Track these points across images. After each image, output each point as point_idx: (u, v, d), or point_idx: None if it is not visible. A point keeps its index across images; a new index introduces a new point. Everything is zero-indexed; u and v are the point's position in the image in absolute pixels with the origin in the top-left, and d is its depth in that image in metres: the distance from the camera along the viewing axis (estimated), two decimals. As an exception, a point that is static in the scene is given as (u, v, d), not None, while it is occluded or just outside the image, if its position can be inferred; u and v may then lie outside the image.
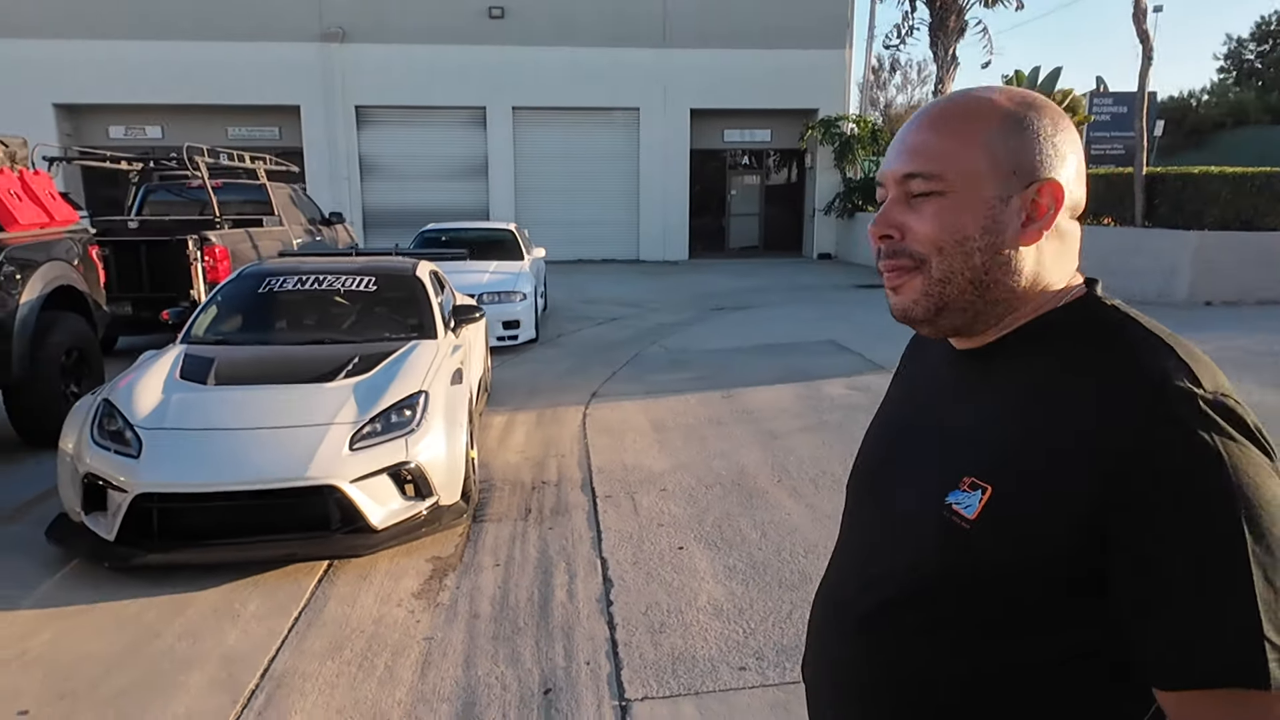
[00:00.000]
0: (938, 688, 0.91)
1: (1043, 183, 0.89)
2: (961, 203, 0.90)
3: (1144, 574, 0.77)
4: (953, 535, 0.87)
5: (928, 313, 0.94)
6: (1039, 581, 0.82)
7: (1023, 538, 0.82)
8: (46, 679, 2.94)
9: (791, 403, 6.53)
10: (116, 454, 3.75)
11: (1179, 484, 0.76)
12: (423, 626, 3.30)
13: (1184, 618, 0.76)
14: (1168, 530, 0.76)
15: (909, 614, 0.92)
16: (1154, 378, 0.81)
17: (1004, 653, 0.86)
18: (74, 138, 17.43)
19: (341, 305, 5.34)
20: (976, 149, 0.89)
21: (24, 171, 5.97)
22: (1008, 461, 0.86)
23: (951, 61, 14.53)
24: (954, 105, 0.93)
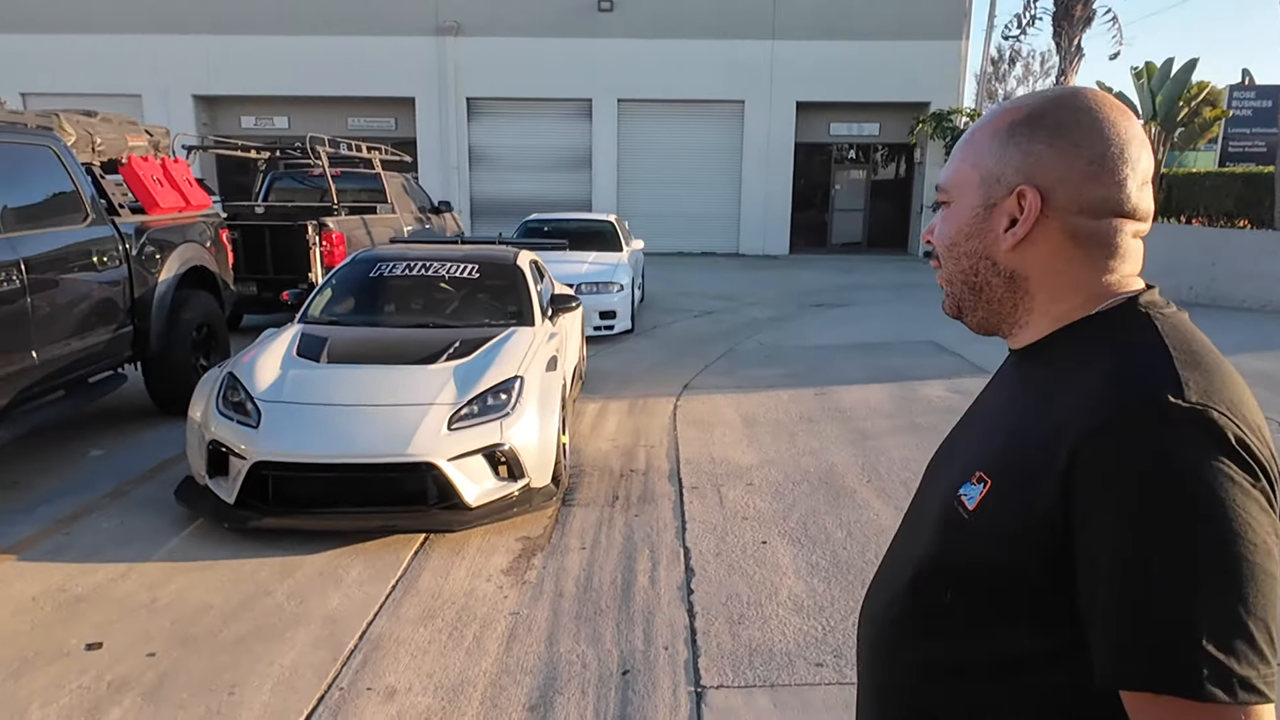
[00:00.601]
0: (929, 682, 0.94)
1: (1022, 188, 0.92)
2: (954, 211, 0.99)
3: (1091, 576, 0.78)
4: (953, 525, 0.91)
5: (951, 311, 1.05)
6: (1021, 576, 0.84)
7: (1006, 531, 0.85)
8: (173, 625, 3.22)
9: (886, 403, 6.42)
10: (238, 424, 4.05)
11: (1127, 490, 0.76)
12: (510, 602, 3.43)
13: (1124, 621, 0.76)
14: (1111, 534, 0.76)
15: (913, 601, 0.96)
16: (1128, 383, 0.81)
17: (991, 649, 0.88)
18: (210, 127, 18.63)
19: (445, 291, 5.56)
20: (969, 161, 0.97)
21: (165, 159, 6.46)
22: (1006, 456, 0.89)
23: (1076, 52, 13.82)
24: (983, 115, 0.99)
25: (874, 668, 1.04)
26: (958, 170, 0.98)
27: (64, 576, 3.62)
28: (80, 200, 5.06)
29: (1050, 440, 0.83)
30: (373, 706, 2.74)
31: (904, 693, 0.98)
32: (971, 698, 0.90)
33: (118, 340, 5.31)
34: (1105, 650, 0.77)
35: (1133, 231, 0.92)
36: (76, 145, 5.40)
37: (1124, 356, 0.85)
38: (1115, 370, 0.84)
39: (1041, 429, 0.85)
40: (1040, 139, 0.91)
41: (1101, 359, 0.86)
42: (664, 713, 2.71)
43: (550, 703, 2.77)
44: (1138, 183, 0.91)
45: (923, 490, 1.07)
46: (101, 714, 2.69)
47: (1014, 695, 0.87)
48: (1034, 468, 0.83)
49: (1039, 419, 0.87)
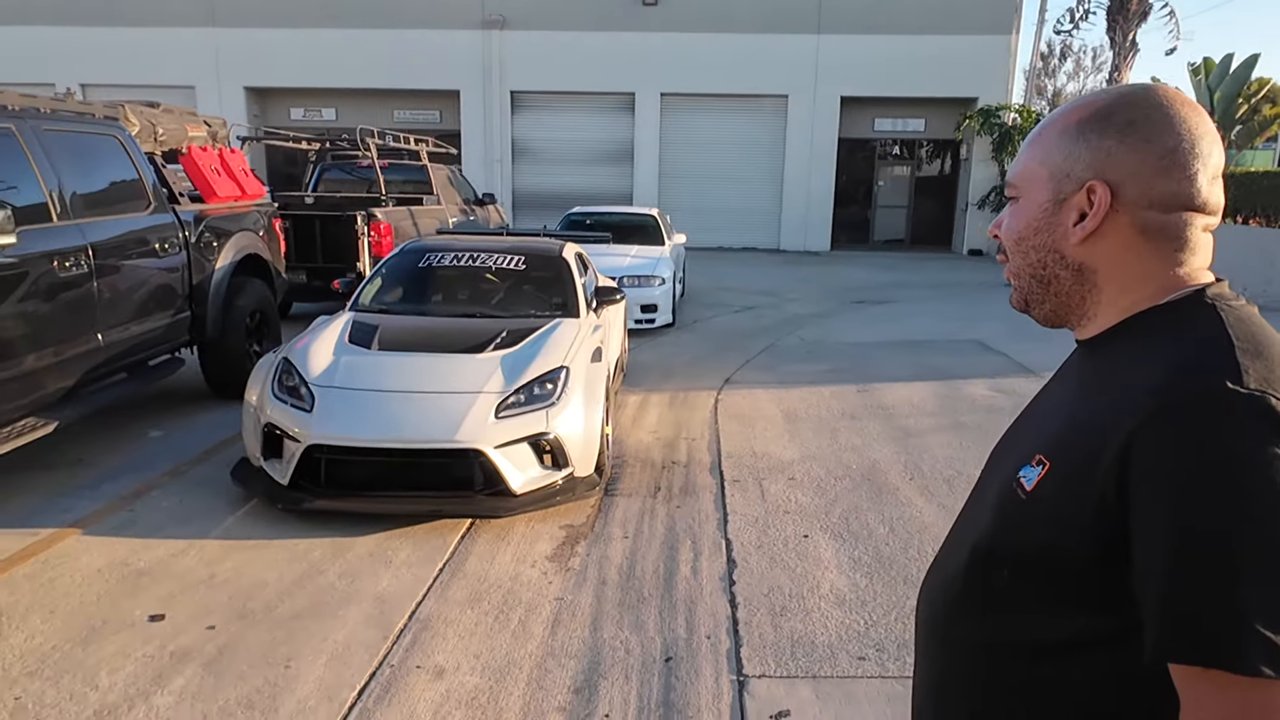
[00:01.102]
0: (983, 662, 0.96)
1: (1092, 184, 0.93)
2: (1023, 207, 1.01)
3: (1146, 555, 0.81)
4: (1011, 506, 0.94)
5: (1019, 304, 1.06)
6: (1076, 557, 0.86)
7: (1063, 512, 0.87)
8: (230, 600, 3.34)
9: (929, 401, 6.37)
10: (293, 408, 4.16)
11: (1182, 473, 0.78)
12: (554, 587, 3.50)
13: (1176, 597, 0.78)
14: (1166, 515, 0.79)
15: (968, 580, 0.99)
16: (1188, 370, 0.83)
17: (1045, 629, 0.90)
18: (260, 118, 19.01)
19: (492, 282, 5.64)
20: (1038, 158, 0.99)
21: (223, 149, 6.63)
22: (1066, 440, 0.91)
23: (1131, 48, 13.50)
24: (1054, 111, 1.00)
25: (930, 648, 1.06)
26: (1026, 166, 1.00)
27: (127, 551, 3.76)
28: (143, 188, 5.23)
29: (1110, 425, 0.85)
30: (422, 684, 2.82)
31: (959, 672, 1.00)
32: (1025, 677, 0.93)
33: (176, 325, 5.48)
34: (1157, 625, 0.80)
35: (1203, 225, 0.94)
36: (140, 135, 5.58)
37: (1186, 345, 0.87)
38: (1177, 358, 0.85)
39: (1102, 414, 0.87)
40: (1111, 135, 0.93)
41: (1165, 348, 0.88)
42: (707, 699, 2.75)
43: (594, 686, 2.82)
44: (1208, 177, 0.92)
45: (985, 476, 1.09)
46: (166, 681, 2.80)
47: (1066, 676, 0.89)
48: (1093, 451, 0.85)
49: (1101, 404, 0.89)
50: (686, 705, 2.73)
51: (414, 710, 2.68)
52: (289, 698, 2.73)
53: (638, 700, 2.75)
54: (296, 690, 2.77)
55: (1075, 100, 0.99)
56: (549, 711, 2.69)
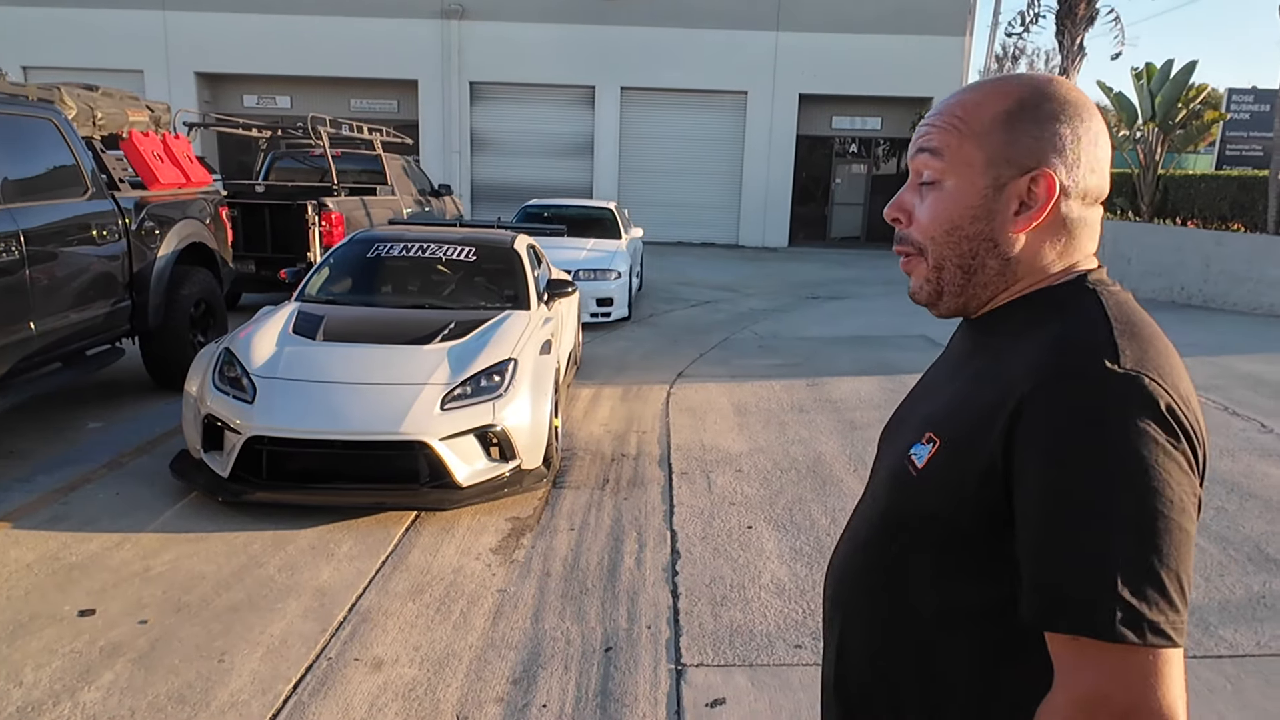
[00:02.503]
0: (883, 633, 1.00)
1: (1037, 173, 0.93)
2: (953, 193, 0.96)
3: (1023, 520, 0.84)
4: (902, 483, 0.97)
5: (930, 297, 1.03)
6: (964, 530, 0.90)
7: (952, 485, 0.90)
8: (165, 594, 3.28)
9: (876, 394, 6.47)
10: (234, 399, 4.10)
11: (1055, 440, 0.82)
12: (498, 580, 3.49)
13: (1046, 565, 0.82)
14: (1040, 484, 0.82)
15: (868, 555, 1.02)
16: (1069, 349, 0.87)
17: (939, 600, 0.93)
18: (212, 105, 18.59)
19: (442, 273, 5.60)
20: (974, 139, 0.95)
21: (166, 135, 6.48)
22: (953, 415, 0.94)
23: (1078, 52, 13.80)
24: (967, 95, 0.98)
25: (834, 621, 1.10)
26: (946, 145, 0.95)
27: (59, 545, 3.67)
28: (80, 174, 5.09)
29: (995, 401, 0.88)
30: (360, 676, 2.81)
31: (860, 644, 1.04)
32: (923, 648, 0.96)
33: (116, 314, 5.35)
34: (1030, 592, 0.83)
35: (1101, 215, 1.00)
36: (77, 119, 5.43)
37: (1068, 326, 0.90)
38: (1059, 337, 0.89)
39: (988, 391, 0.90)
40: (1052, 123, 0.93)
41: (1049, 327, 0.91)
42: (644, 689, 2.78)
43: (533, 677, 2.83)
44: (1109, 170, 0.97)
45: (879, 456, 1.12)
46: (94, 676, 2.75)
47: (962, 644, 0.93)
48: (980, 426, 0.88)
49: (987, 382, 0.92)
50: (624, 694, 2.75)
51: (350, 703, 2.67)
52: (222, 691, 2.70)
53: (576, 690, 2.76)
54: (230, 683, 2.74)
55: (991, 82, 0.97)
56: (486, 702, 2.69)
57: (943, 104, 0.99)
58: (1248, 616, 3.28)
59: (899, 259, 1.08)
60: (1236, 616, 3.28)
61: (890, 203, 1.03)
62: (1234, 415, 5.95)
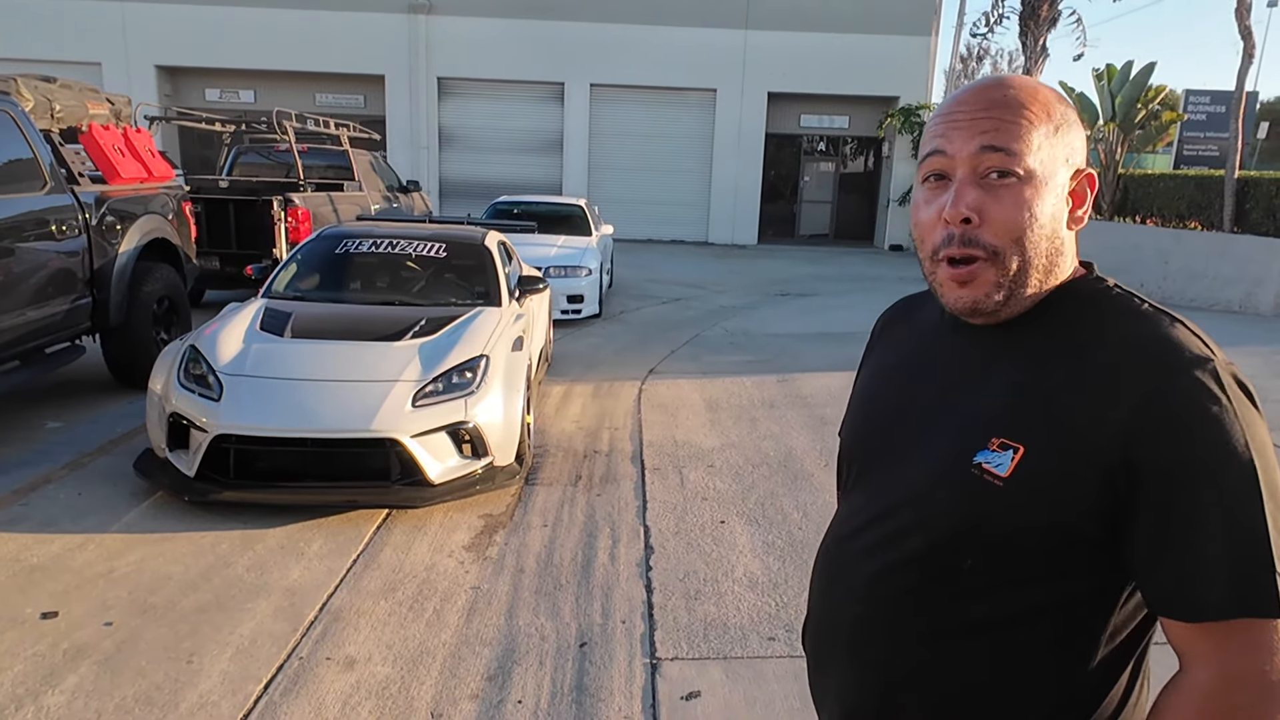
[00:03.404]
0: (948, 637, 0.97)
1: (1085, 172, 0.98)
2: (1040, 190, 0.93)
3: (1164, 513, 0.85)
4: (985, 491, 0.93)
5: (997, 305, 0.96)
6: (1062, 533, 0.90)
7: (1056, 491, 0.90)
8: (131, 595, 3.22)
9: (846, 390, 6.48)
10: (200, 396, 4.03)
11: (1198, 431, 0.85)
12: (471, 577, 3.48)
13: (1201, 553, 0.84)
14: (1187, 472, 0.85)
15: (927, 568, 0.98)
16: (1172, 344, 0.90)
17: (1013, 601, 0.94)
18: (173, 99, 18.22)
19: (412, 270, 5.56)
20: (1053, 137, 0.95)
21: (127, 129, 6.35)
22: (1039, 421, 0.92)
23: (1041, 52, 14.03)
24: (1023, 93, 0.95)
25: (869, 642, 1.03)
26: (1037, 147, 0.93)
27: (19, 546, 3.59)
28: (38, 167, 4.97)
29: (1098, 398, 0.89)
30: (332, 675, 2.78)
31: (908, 659, 1.00)
32: (977, 654, 0.96)
33: (76, 311, 5.24)
34: (1177, 583, 0.85)
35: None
36: (34, 111, 5.29)
37: (1142, 322, 0.93)
38: (1144, 331, 0.92)
39: (1080, 389, 0.91)
40: (1077, 127, 0.99)
41: (1112, 322, 0.94)
42: (619, 683, 2.78)
43: (508, 673, 2.83)
44: None
45: (891, 458, 1.06)
46: (58, 680, 2.69)
47: (1030, 644, 0.94)
48: (1082, 426, 0.89)
49: (1066, 381, 0.92)
50: (599, 689, 2.75)
51: (322, 702, 2.64)
52: (190, 692, 2.66)
53: (551, 685, 2.76)
54: (199, 685, 2.70)
55: (1032, 83, 0.98)
56: (461, 699, 2.68)
57: (996, 99, 0.95)
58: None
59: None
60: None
61: (952, 202, 0.94)
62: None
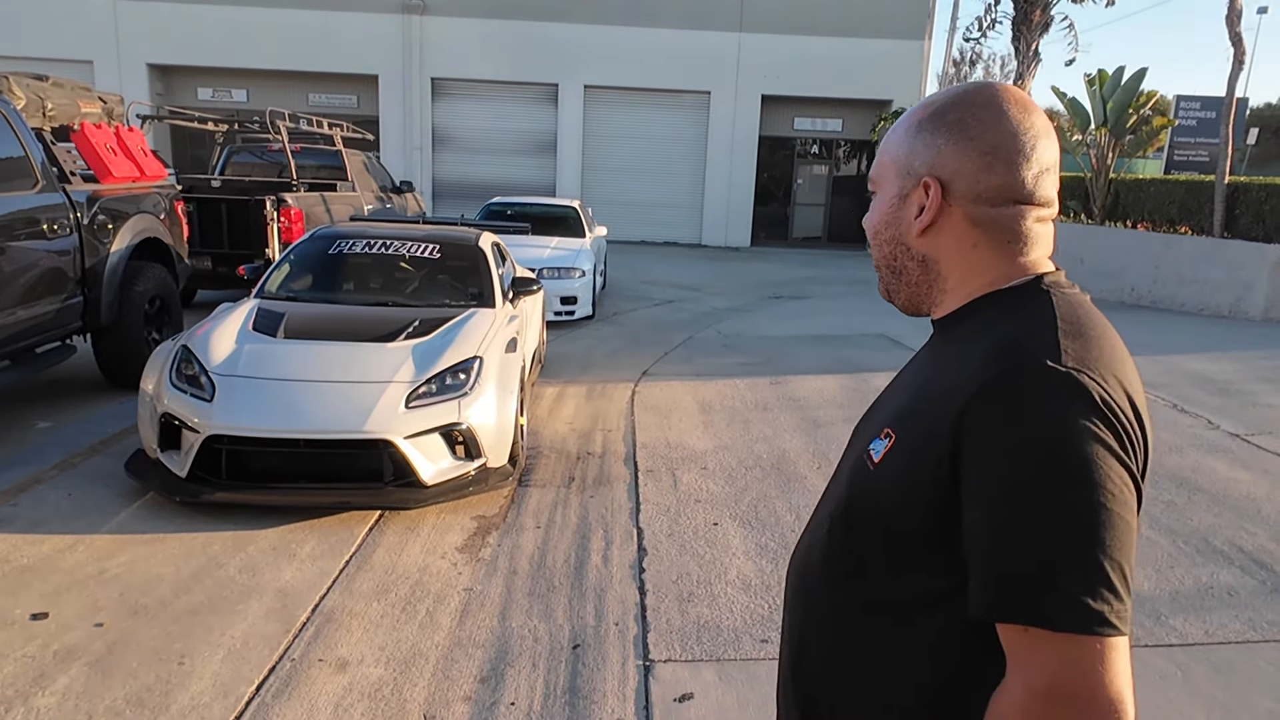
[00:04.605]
0: (841, 622, 1.03)
1: (923, 180, 1.00)
2: (878, 201, 1.08)
3: (970, 520, 0.87)
4: (860, 476, 1.01)
5: (882, 291, 1.12)
6: (914, 523, 0.93)
7: (905, 479, 0.94)
8: (122, 596, 3.20)
9: (838, 393, 6.56)
10: (192, 397, 4.01)
11: (998, 437, 0.85)
12: (464, 578, 3.48)
13: (995, 559, 0.85)
14: (987, 482, 0.85)
15: (825, 548, 1.06)
16: (1014, 348, 0.90)
17: (892, 591, 0.97)
18: (165, 97, 18.15)
19: (406, 270, 5.55)
20: (890, 154, 1.06)
21: (119, 127, 6.32)
22: (908, 414, 0.98)
23: (1034, 57, 14.09)
24: (916, 109, 1.05)
25: (795, 610, 1.12)
26: (880, 161, 1.07)
27: (9, 547, 3.57)
28: (30, 166, 4.94)
29: (946, 398, 0.91)
30: (324, 677, 2.77)
31: (819, 634, 1.06)
32: (878, 637, 0.99)
33: (67, 310, 5.21)
34: (979, 586, 0.86)
35: (1035, 217, 1.00)
36: (26, 109, 5.27)
37: (1014, 326, 0.94)
38: (1005, 337, 0.92)
39: (940, 389, 0.94)
40: (941, 133, 0.99)
41: (999, 328, 0.94)
42: (613, 685, 2.78)
43: (501, 675, 2.82)
44: (1034, 172, 0.98)
45: (845, 453, 1.15)
46: (48, 681, 2.68)
47: (914, 635, 0.96)
48: (932, 423, 0.92)
49: (939, 381, 0.96)
50: (593, 691, 2.75)
51: (315, 704, 2.64)
52: (182, 694, 2.65)
53: (544, 687, 2.76)
54: (190, 686, 2.69)
55: (925, 98, 1.05)
56: (454, 701, 2.68)
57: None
58: (1196, 606, 3.39)
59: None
60: (1185, 606, 3.39)
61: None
62: (1182, 412, 6.14)
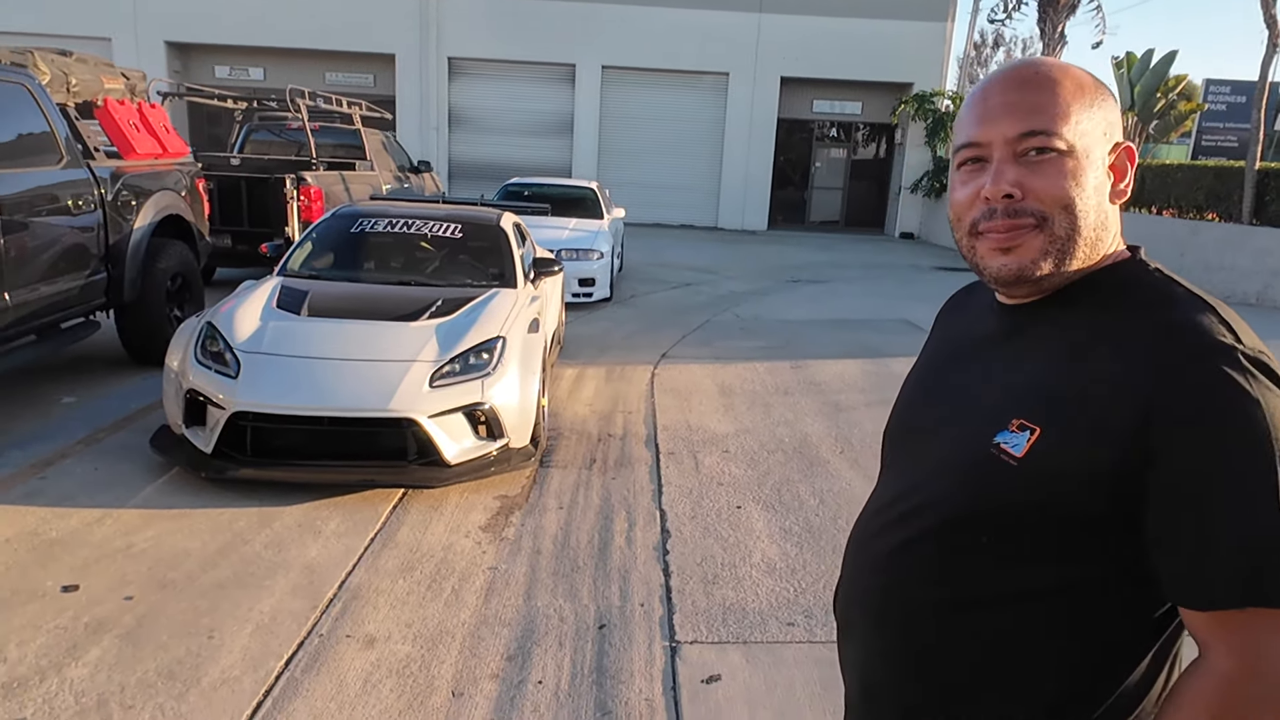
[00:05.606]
0: (958, 613, 0.99)
1: (1124, 145, 0.98)
2: (1081, 163, 0.96)
3: (1178, 500, 0.84)
4: (999, 471, 0.94)
5: (1046, 270, 0.97)
6: (1073, 515, 0.90)
7: (1068, 474, 0.89)
8: (150, 570, 3.22)
9: (859, 378, 6.51)
10: (217, 373, 4.02)
11: (1214, 420, 0.83)
12: (488, 557, 3.48)
13: (1213, 541, 0.83)
14: (1201, 460, 0.83)
15: (940, 544, 1.00)
16: (1199, 330, 0.88)
17: (1023, 580, 0.94)
18: (182, 75, 18.15)
19: (428, 250, 5.53)
20: (1089, 112, 0.96)
21: (142, 104, 6.31)
22: (1057, 404, 0.92)
23: (1060, 39, 13.89)
24: (1055, 71, 0.98)
25: (885, 612, 1.07)
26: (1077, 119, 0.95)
27: (38, 520, 3.60)
28: (55, 141, 4.95)
29: (1117, 386, 0.88)
30: (352, 652, 2.78)
31: (923, 630, 1.02)
32: (991, 629, 0.96)
33: (91, 287, 5.23)
34: (1189, 572, 0.85)
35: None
36: (51, 85, 5.26)
37: (1173, 307, 0.92)
38: (1172, 319, 0.90)
39: (1099, 376, 0.90)
40: (1112, 101, 1.00)
41: (1145, 309, 0.93)
42: (640, 665, 2.78)
43: (528, 653, 2.83)
44: None
45: (917, 438, 1.10)
46: (81, 653, 2.70)
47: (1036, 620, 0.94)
48: (1100, 412, 0.88)
49: (1090, 366, 0.92)
50: (620, 671, 2.75)
51: (344, 679, 2.65)
52: (213, 667, 2.66)
53: (571, 666, 2.76)
54: (220, 660, 2.70)
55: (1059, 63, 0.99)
56: (482, 679, 2.68)
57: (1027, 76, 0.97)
58: None
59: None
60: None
61: (993, 180, 0.96)
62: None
